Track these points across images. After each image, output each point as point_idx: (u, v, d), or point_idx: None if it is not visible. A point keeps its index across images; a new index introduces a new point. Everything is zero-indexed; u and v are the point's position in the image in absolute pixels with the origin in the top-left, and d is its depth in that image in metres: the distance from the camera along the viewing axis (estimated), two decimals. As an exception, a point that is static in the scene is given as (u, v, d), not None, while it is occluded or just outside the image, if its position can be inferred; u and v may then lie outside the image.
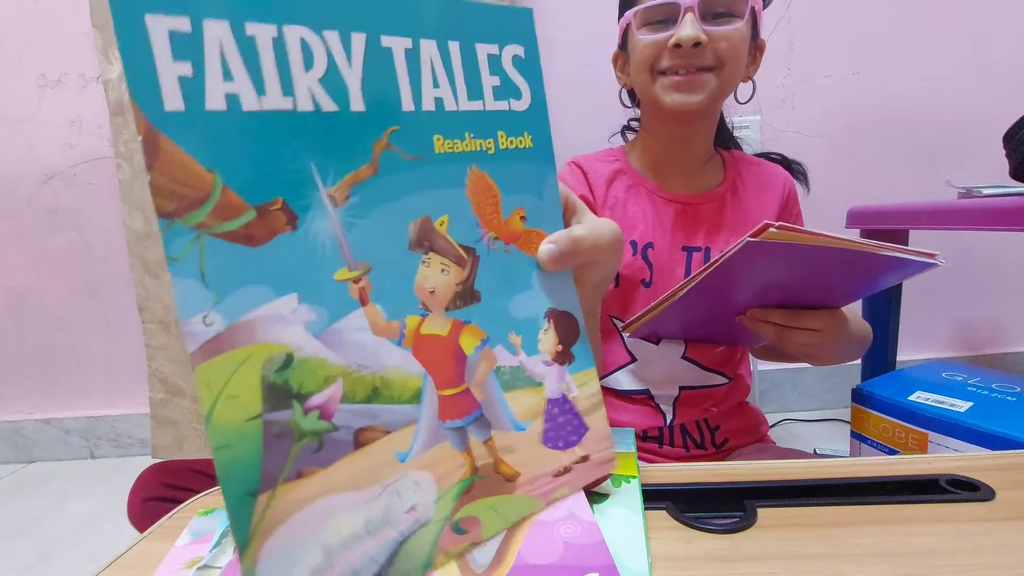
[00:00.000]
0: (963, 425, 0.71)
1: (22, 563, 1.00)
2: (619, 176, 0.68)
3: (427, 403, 0.28)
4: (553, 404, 0.32)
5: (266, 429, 0.23)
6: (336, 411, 0.25)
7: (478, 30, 0.30)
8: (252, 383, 0.23)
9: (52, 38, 1.28)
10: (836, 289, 0.52)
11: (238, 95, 0.23)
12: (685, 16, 0.55)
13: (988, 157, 0.96)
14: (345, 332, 0.25)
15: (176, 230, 0.21)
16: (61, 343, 1.43)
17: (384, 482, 0.26)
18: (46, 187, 1.35)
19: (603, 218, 0.36)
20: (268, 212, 0.23)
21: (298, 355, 0.24)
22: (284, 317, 0.24)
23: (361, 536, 0.25)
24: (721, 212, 0.66)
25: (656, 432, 0.68)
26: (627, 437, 0.43)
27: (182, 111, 0.21)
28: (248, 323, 0.23)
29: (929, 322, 1.39)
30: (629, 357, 0.68)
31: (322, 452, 0.24)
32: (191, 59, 0.22)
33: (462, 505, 0.28)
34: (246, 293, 0.23)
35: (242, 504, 0.22)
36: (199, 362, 0.21)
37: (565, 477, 0.32)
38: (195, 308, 0.22)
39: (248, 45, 0.23)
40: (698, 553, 0.29)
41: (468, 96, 0.29)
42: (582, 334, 0.34)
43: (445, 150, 0.29)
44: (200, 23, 0.22)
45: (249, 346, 0.23)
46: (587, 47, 1.22)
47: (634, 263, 0.65)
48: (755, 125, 1.25)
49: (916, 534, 0.29)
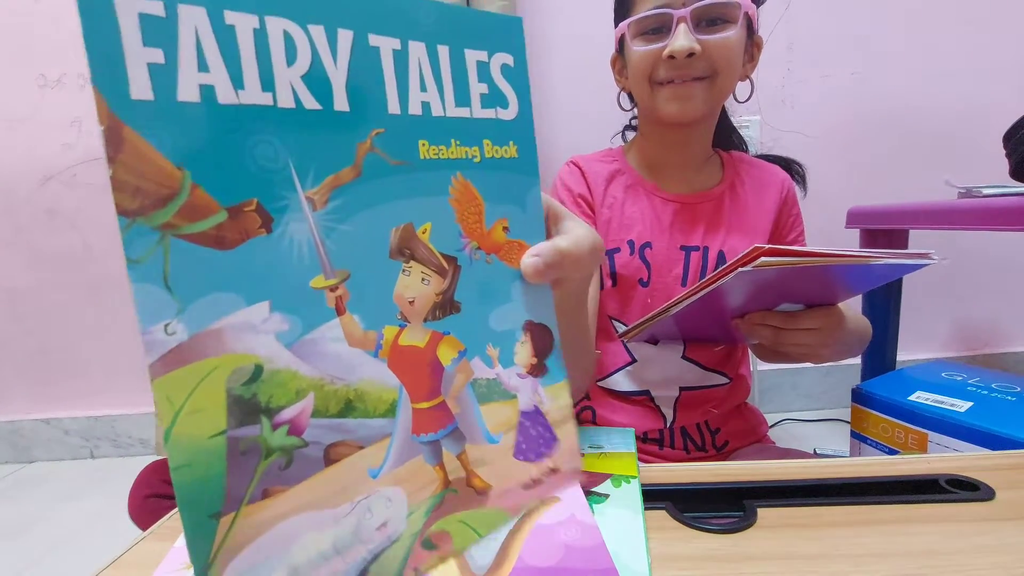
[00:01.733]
0: (963, 425, 0.71)
1: (22, 563, 1.00)
2: (617, 176, 0.68)
3: (401, 417, 0.27)
4: (526, 416, 0.32)
5: (230, 446, 0.21)
6: (307, 426, 0.24)
7: (468, 36, 0.29)
8: (217, 397, 0.21)
9: (52, 38, 1.28)
10: (831, 291, 0.52)
11: (213, 87, 0.21)
12: (678, 27, 0.55)
13: (988, 157, 0.96)
14: (319, 343, 0.24)
15: (138, 229, 0.20)
16: (60, 343, 1.43)
17: (355, 499, 0.25)
18: (45, 187, 1.35)
19: (583, 225, 0.35)
20: (241, 213, 0.22)
21: (268, 367, 0.23)
22: (254, 326, 0.22)
23: (329, 555, 0.24)
24: (719, 211, 0.66)
25: (656, 434, 0.68)
26: (627, 437, 0.43)
27: (151, 101, 0.20)
28: (214, 332, 0.21)
29: (929, 322, 1.39)
30: (629, 358, 0.68)
31: (290, 469, 0.23)
32: (163, 46, 0.20)
33: (434, 520, 0.27)
34: (213, 300, 0.21)
35: (202, 527, 0.20)
36: (158, 374, 0.20)
37: (535, 490, 0.32)
38: (156, 316, 0.20)
39: (227, 34, 0.22)
40: (698, 553, 0.29)
41: (455, 102, 0.29)
42: (556, 347, 0.34)
43: (430, 156, 0.28)
44: (175, 7, 0.20)
45: (215, 357, 0.21)
46: (587, 47, 1.22)
47: (631, 263, 0.65)
48: (755, 125, 1.25)
49: (916, 534, 0.29)
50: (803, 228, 0.70)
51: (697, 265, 0.65)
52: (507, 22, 0.31)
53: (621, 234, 0.66)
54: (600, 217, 0.67)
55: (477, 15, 0.30)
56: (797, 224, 0.70)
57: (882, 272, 0.50)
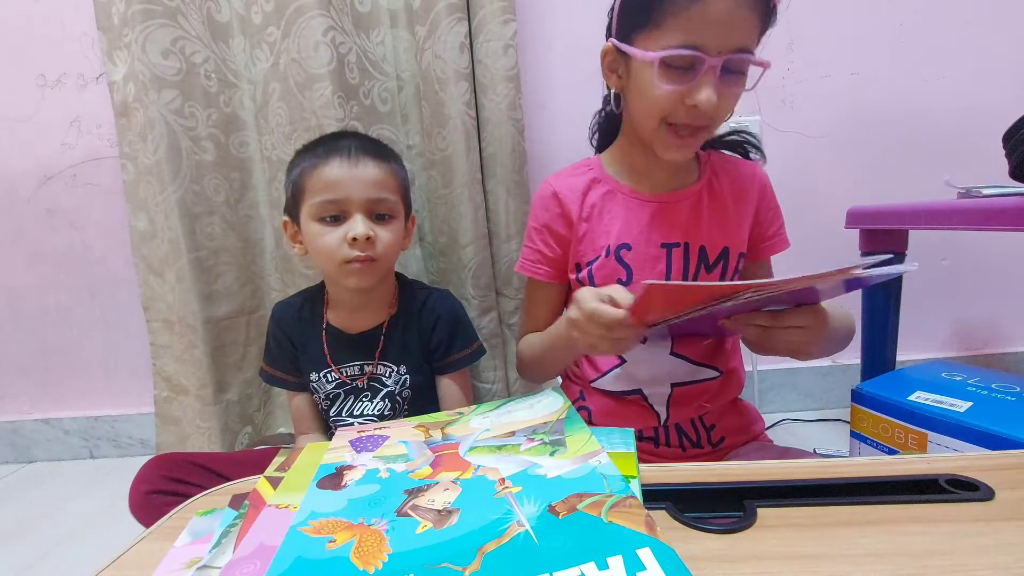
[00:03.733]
0: (962, 425, 0.71)
1: (22, 563, 1.00)
2: (594, 185, 0.69)
3: None
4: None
5: None
6: None
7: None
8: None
9: (52, 38, 1.28)
10: (813, 295, 0.52)
11: None
12: (707, 75, 0.54)
13: (988, 157, 0.96)
14: None
15: None
16: (60, 343, 1.43)
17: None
18: (45, 187, 1.35)
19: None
20: None
21: None
22: None
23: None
24: (698, 207, 0.67)
25: (651, 432, 0.68)
26: (627, 437, 0.43)
27: None
28: None
29: (929, 322, 1.39)
30: (618, 359, 0.68)
31: None
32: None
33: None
34: None
35: None
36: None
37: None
38: None
39: None
40: (698, 553, 0.29)
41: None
42: None
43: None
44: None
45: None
46: (587, 48, 1.22)
47: (606, 265, 0.66)
48: (755, 125, 1.25)
49: (916, 534, 0.29)
50: (783, 221, 0.72)
51: (679, 261, 0.65)
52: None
53: (599, 242, 0.67)
54: (579, 231, 0.68)
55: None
56: (777, 217, 0.71)
57: (857, 286, 0.50)
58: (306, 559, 0.30)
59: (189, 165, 1.06)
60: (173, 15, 1.03)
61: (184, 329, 1.13)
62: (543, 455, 0.38)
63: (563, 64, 1.27)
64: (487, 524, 0.30)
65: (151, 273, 1.18)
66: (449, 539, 0.30)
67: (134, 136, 1.10)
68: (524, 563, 0.27)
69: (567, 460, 0.37)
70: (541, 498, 0.32)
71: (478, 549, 0.28)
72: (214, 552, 0.32)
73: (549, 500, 0.32)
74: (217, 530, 0.34)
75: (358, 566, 0.29)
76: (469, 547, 0.29)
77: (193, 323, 1.10)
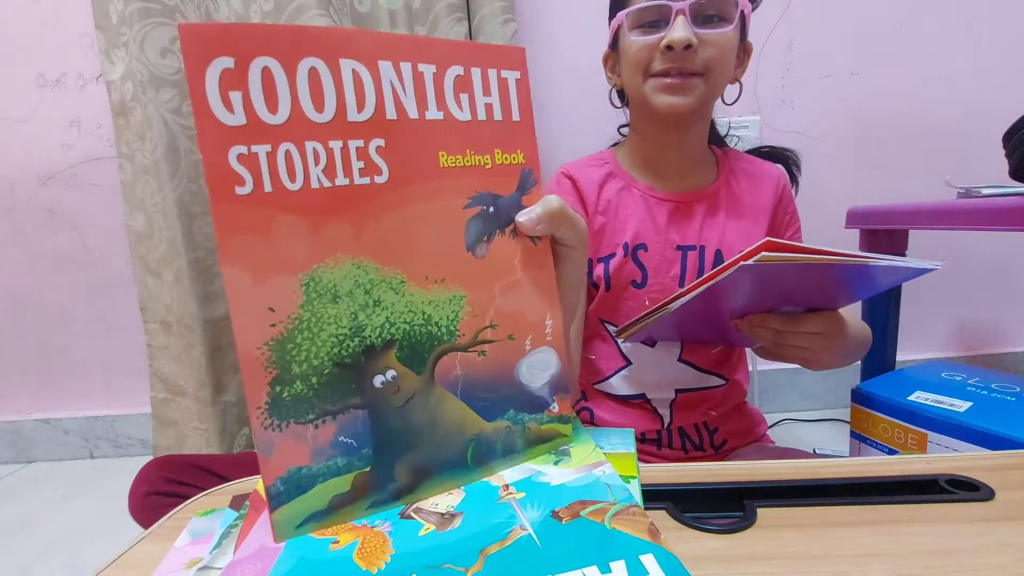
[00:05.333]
0: (963, 425, 0.71)
1: (21, 563, 1.00)
2: (610, 179, 0.68)
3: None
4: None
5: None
6: None
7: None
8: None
9: (51, 38, 1.28)
10: (833, 294, 0.52)
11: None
12: (676, 18, 0.56)
13: (988, 157, 0.96)
14: None
15: None
16: (60, 343, 1.43)
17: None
18: (45, 187, 1.35)
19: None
20: None
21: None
22: None
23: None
24: (715, 209, 0.66)
25: (654, 434, 0.68)
26: (627, 437, 0.43)
27: None
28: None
29: (929, 322, 1.39)
30: (624, 361, 0.67)
31: None
32: None
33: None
34: None
35: None
36: None
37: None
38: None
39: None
40: (698, 553, 0.29)
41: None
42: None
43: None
44: None
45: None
46: (587, 48, 1.22)
47: (624, 265, 0.64)
48: (755, 125, 1.25)
49: (916, 534, 0.29)
50: (799, 225, 0.70)
51: (695, 264, 0.64)
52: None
53: (615, 239, 0.65)
54: (594, 225, 0.66)
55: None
56: (794, 221, 0.70)
57: (884, 278, 0.50)
58: (309, 559, 0.30)
59: (187, 164, 1.07)
60: (171, 14, 1.03)
61: (182, 330, 1.13)
62: (547, 463, 0.38)
63: (563, 64, 1.27)
64: (490, 527, 0.30)
65: (148, 273, 1.17)
66: (452, 541, 0.30)
67: (132, 135, 1.10)
68: (527, 565, 0.27)
69: (571, 469, 0.37)
70: (544, 504, 0.32)
71: (481, 551, 0.28)
72: (215, 553, 0.32)
73: (552, 506, 0.32)
74: (218, 531, 0.34)
75: (361, 567, 0.29)
76: (472, 549, 0.29)
77: (191, 324, 1.10)
